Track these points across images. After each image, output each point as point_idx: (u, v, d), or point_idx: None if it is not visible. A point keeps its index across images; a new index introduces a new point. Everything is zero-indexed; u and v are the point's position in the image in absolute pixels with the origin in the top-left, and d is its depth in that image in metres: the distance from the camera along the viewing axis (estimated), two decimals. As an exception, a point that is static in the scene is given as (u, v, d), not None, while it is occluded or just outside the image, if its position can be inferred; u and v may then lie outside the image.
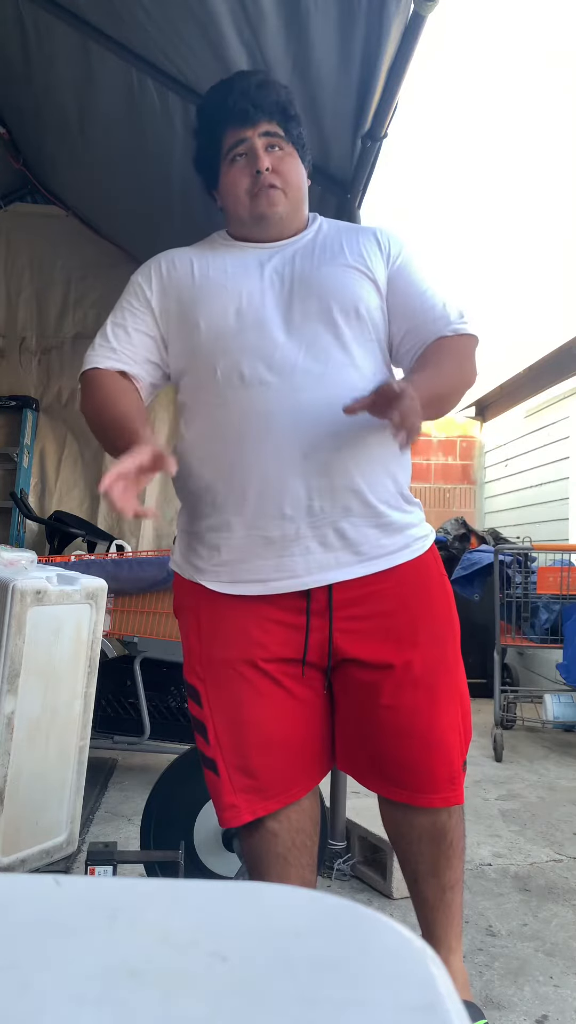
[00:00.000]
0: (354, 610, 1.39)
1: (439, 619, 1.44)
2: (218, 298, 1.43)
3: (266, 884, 0.39)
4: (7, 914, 0.36)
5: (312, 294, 1.41)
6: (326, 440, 1.35)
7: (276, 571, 1.37)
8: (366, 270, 1.46)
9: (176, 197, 3.08)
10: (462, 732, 1.44)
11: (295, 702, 1.41)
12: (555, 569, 4.08)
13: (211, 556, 1.41)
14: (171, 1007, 0.30)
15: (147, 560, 2.92)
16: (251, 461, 1.35)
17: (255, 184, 1.44)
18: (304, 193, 1.52)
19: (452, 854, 1.45)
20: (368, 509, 1.39)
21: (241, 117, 1.44)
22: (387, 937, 0.35)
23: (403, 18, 1.73)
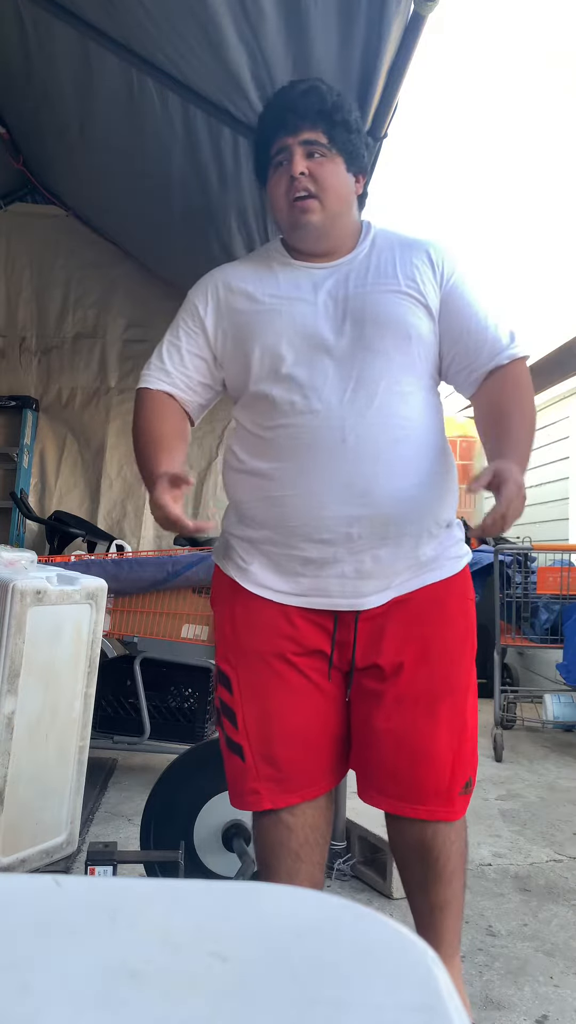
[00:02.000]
0: (376, 621, 1.43)
1: (452, 641, 1.44)
2: (272, 324, 1.43)
3: (266, 884, 0.39)
4: (7, 914, 0.36)
5: (365, 321, 1.40)
6: (369, 468, 1.37)
7: (311, 588, 1.42)
8: (418, 295, 1.43)
9: (176, 197, 3.08)
10: (460, 756, 1.42)
11: (322, 698, 1.45)
12: (555, 569, 4.09)
13: (251, 562, 1.46)
14: (171, 1007, 0.30)
15: (147, 560, 2.92)
16: (296, 487, 1.38)
17: (291, 190, 1.43)
18: (348, 201, 1.48)
19: (442, 872, 1.43)
20: (410, 540, 1.40)
21: (283, 125, 1.44)
22: (387, 937, 0.35)
23: (403, 18, 1.73)
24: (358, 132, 1.49)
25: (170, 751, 2.73)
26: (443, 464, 1.45)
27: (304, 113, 1.42)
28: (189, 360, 1.52)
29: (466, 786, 1.44)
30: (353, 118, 1.48)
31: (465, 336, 1.45)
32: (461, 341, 1.45)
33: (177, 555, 2.95)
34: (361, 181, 1.52)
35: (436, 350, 1.47)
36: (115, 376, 4.45)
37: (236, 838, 1.95)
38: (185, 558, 2.90)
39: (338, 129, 1.44)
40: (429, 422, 1.44)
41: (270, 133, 1.46)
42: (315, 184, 1.42)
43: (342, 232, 1.48)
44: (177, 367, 1.52)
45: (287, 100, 1.46)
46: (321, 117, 1.43)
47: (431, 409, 1.45)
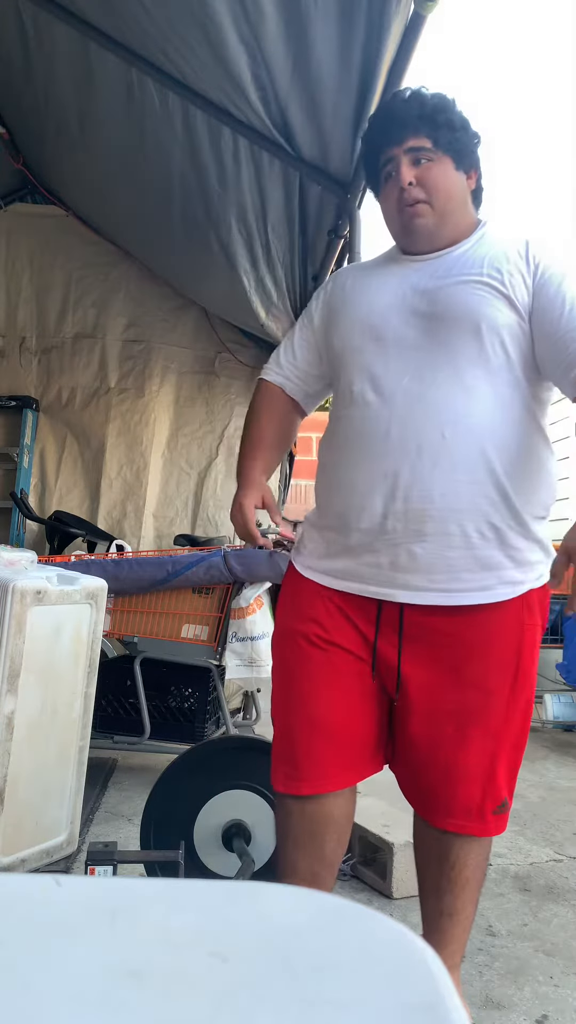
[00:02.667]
0: (416, 634, 1.40)
1: (494, 669, 1.38)
2: (350, 314, 1.48)
3: (266, 884, 0.39)
4: (7, 914, 0.36)
5: (435, 312, 1.38)
6: (410, 462, 1.34)
7: (349, 573, 1.43)
8: (499, 285, 1.37)
9: (176, 197, 3.08)
10: (492, 778, 1.40)
11: (347, 691, 1.43)
12: (555, 569, 4.08)
13: (308, 544, 1.51)
14: (171, 1007, 0.30)
15: (147, 560, 2.92)
16: (345, 475, 1.43)
17: (401, 199, 1.44)
18: (459, 201, 1.46)
19: (455, 881, 1.42)
20: (447, 539, 1.34)
21: (388, 136, 1.45)
22: (387, 937, 0.35)
23: (403, 18, 1.74)
24: (464, 129, 1.46)
25: (170, 751, 2.73)
26: (517, 466, 1.36)
27: (405, 121, 1.43)
28: (299, 352, 1.60)
29: (501, 806, 1.42)
30: (457, 116, 1.45)
31: (552, 335, 1.35)
32: (549, 338, 1.36)
33: (177, 555, 2.95)
34: (474, 176, 1.49)
35: (525, 343, 1.38)
36: (115, 376, 4.44)
37: (236, 838, 1.94)
38: (185, 558, 2.90)
39: (442, 131, 1.43)
40: (500, 418, 1.35)
41: (377, 145, 1.48)
42: (424, 190, 1.42)
43: (454, 231, 1.45)
44: (289, 359, 1.62)
45: (389, 111, 1.48)
46: (423, 122, 1.42)
47: (508, 405, 1.36)
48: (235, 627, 2.87)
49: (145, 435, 4.37)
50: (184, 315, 4.46)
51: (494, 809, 1.41)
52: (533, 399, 1.41)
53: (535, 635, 1.42)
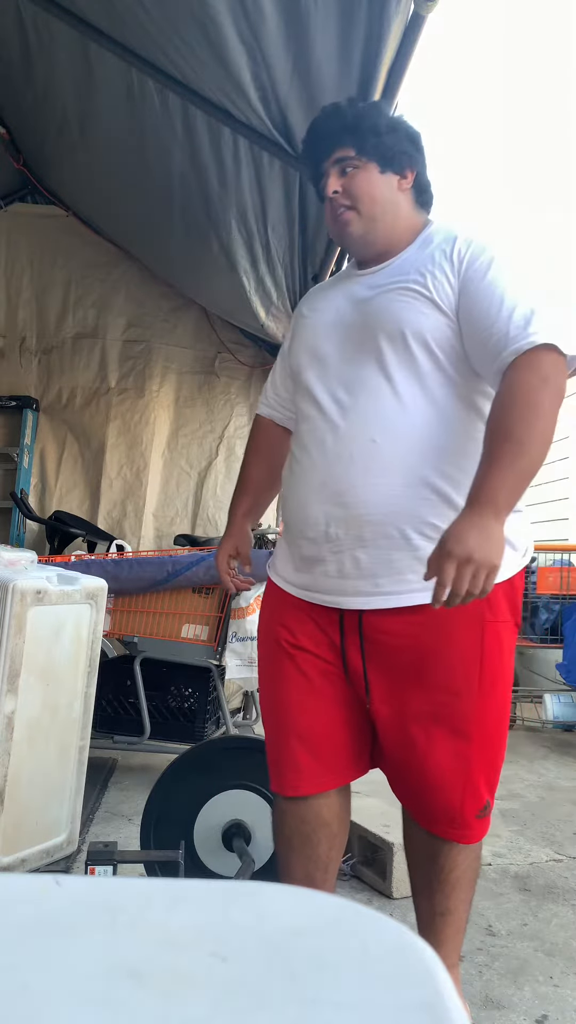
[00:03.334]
0: (377, 638, 1.40)
1: (457, 670, 1.36)
2: (301, 337, 1.54)
3: (266, 884, 0.39)
4: (7, 914, 0.36)
5: (365, 323, 1.41)
6: (343, 469, 1.37)
7: (311, 584, 1.46)
8: (423, 289, 1.36)
9: (176, 197, 3.08)
10: (471, 782, 1.39)
11: (314, 693, 1.45)
12: (555, 569, 4.09)
13: (280, 558, 1.56)
14: (171, 1007, 0.30)
15: (147, 560, 2.92)
16: (293, 487, 1.48)
17: (331, 210, 1.48)
18: (388, 204, 1.46)
19: (446, 881, 1.42)
20: (388, 542, 1.35)
21: (317, 153, 1.49)
22: (387, 937, 0.35)
23: (403, 18, 1.74)
24: (391, 131, 1.46)
25: (170, 751, 2.73)
26: (458, 465, 1.35)
27: (328, 135, 1.47)
28: (280, 381, 1.68)
29: (483, 810, 1.41)
30: (383, 120, 1.47)
31: (476, 330, 1.33)
32: (473, 336, 1.34)
33: (177, 555, 2.95)
34: (409, 176, 1.48)
35: (455, 344, 1.37)
36: (115, 376, 4.45)
37: (236, 838, 1.94)
38: (185, 558, 2.90)
39: (365, 137, 1.44)
40: (434, 420, 1.35)
41: (311, 164, 1.52)
42: (349, 198, 1.44)
43: (389, 234, 1.46)
44: (274, 390, 1.70)
45: (314, 129, 1.51)
46: (346, 132, 1.45)
47: (444, 406, 1.36)
48: (235, 627, 2.87)
49: (145, 435, 4.37)
50: (184, 315, 4.46)
51: (476, 813, 1.40)
52: (476, 397, 1.39)
53: (500, 630, 1.38)
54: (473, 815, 1.40)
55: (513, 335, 1.28)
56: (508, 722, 1.46)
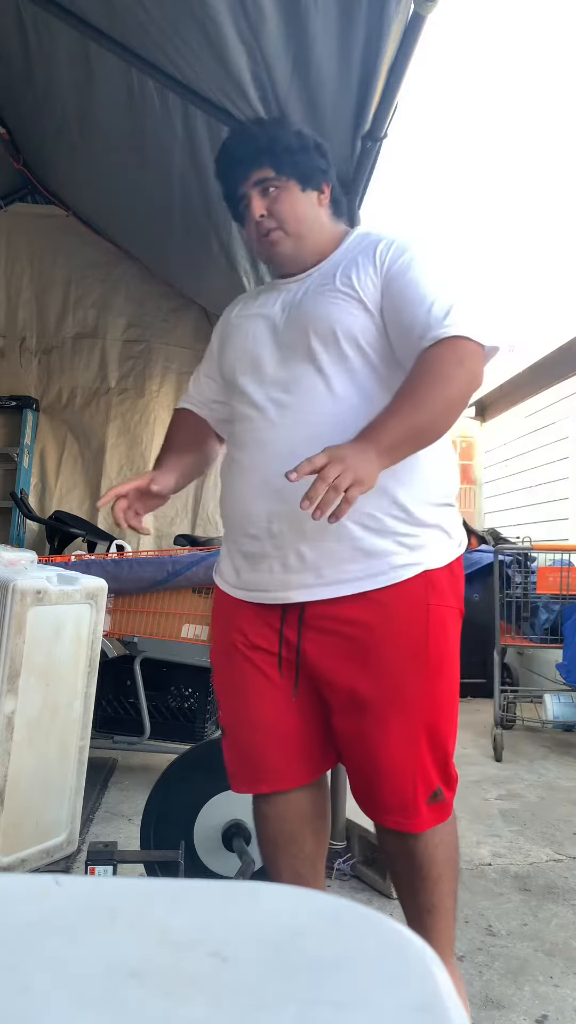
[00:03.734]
0: (321, 629, 1.42)
1: (404, 651, 1.38)
2: (232, 340, 1.58)
3: (266, 884, 0.39)
4: (7, 914, 0.36)
5: (297, 326, 1.46)
6: (284, 466, 1.37)
7: (252, 584, 1.48)
8: (351, 291, 1.43)
9: (176, 196, 3.08)
10: (421, 768, 1.40)
11: (275, 692, 1.48)
12: (555, 569, 4.09)
13: (223, 563, 1.58)
14: (171, 1007, 0.30)
15: (147, 560, 2.92)
16: (232, 485, 1.51)
17: (257, 232, 1.53)
18: (312, 221, 1.53)
19: (426, 878, 1.42)
20: (329, 534, 1.37)
21: (234, 176, 1.54)
22: (387, 937, 0.35)
23: (403, 18, 1.73)
24: (305, 149, 1.53)
25: (170, 751, 2.73)
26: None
27: (246, 157, 1.52)
28: (204, 381, 1.72)
29: (433, 796, 1.41)
30: (295, 139, 1.53)
31: (398, 324, 1.41)
32: (396, 330, 1.41)
33: (177, 555, 2.95)
34: (326, 190, 1.56)
35: (382, 343, 1.43)
36: (115, 376, 4.45)
37: (236, 838, 1.94)
38: (185, 558, 2.90)
39: (282, 157, 1.50)
40: (365, 415, 1.37)
41: (229, 185, 1.57)
42: (275, 219, 1.51)
43: (314, 248, 1.53)
44: (197, 389, 1.74)
45: (229, 152, 1.56)
46: (262, 153, 1.51)
47: (372, 402, 1.39)
48: (235, 627, 2.87)
49: (145, 435, 4.37)
50: (184, 315, 4.46)
51: (427, 799, 1.40)
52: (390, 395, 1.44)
53: (445, 615, 1.42)
54: (424, 801, 1.40)
55: (434, 324, 1.35)
56: (457, 709, 1.47)
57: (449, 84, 13.10)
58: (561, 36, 9.96)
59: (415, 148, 11.05)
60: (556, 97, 9.01)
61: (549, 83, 9.45)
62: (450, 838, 1.46)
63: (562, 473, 5.32)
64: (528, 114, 10.06)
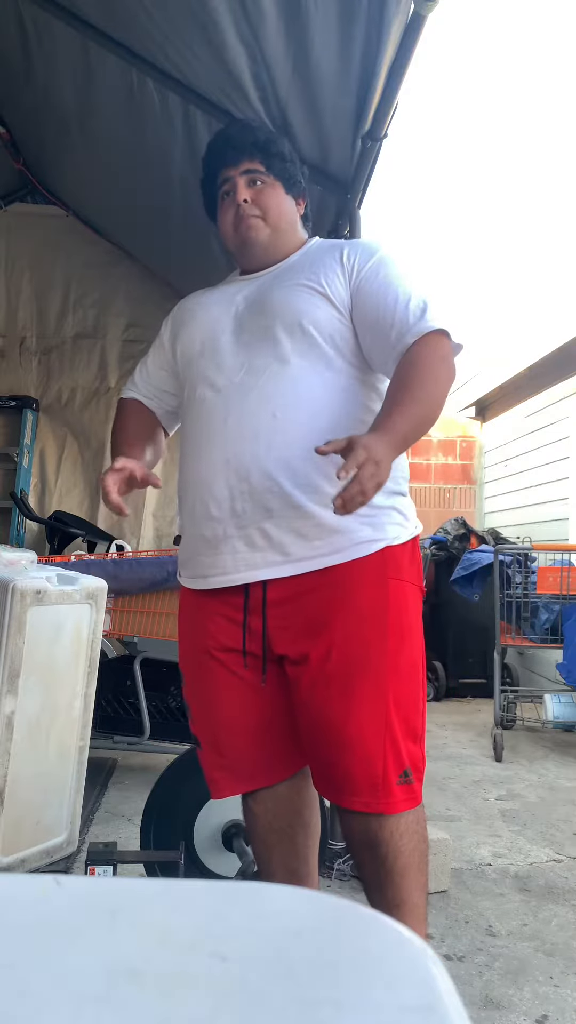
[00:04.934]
0: (285, 607, 1.44)
1: (367, 621, 1.41)
2: (191, 329, 1.60)
3: (266, 884, 0.39)
4: (7, 914, 0.36)
5: (261, 314, 1.50)
6: (247, 446, 1.42)
7: (212, 568, 1.48)
8: (317, 286, 1.49)
9: (176, 197, 3.08)
10: (392, 743, 1.39)
11: (248, 690, 1.49)
12: (555, 569, 4.09)
13: (183, 554, 1.58)
14: (171, 1007, 0.30)
15: (147, 560, 2.92)
16: (192, 468, 1.51)
17: (237, 215, 1.57)
18: (289, 220, 1.61)
19: (393, 870, 1.40)
20: (294, 511, 1.41)
21: (225, 160, 1.59)
22: (387, 937, 0.35)
23: (403, 18, 1.73)
24: (293, 162, 1.63)
25: (170, 751, 2.73)
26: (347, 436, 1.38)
27: (242, 146, 1.58)
28: (153, 371, 1.73)
29: (403, 775, 1.40)
30: (287, 150, 1.63)
31: (374, 325, 1.46)
32: (371, 329, 1.47)
33: (177, 555, 2.95)
34: (302, 204, 1.66)
35: (348, 335, 1.49)
36: (115, 376, 4.45)
37: (236, 838, 1.95)
38: (185, 558, 2.89)
39: (274, 159, 1.59)
40: (328, 399, 1.45)
41: (214, 168, 1.61)
42: (259, 208, 1.56)
43: (284, 247, 1.60)
44: (144, 378, 1.75)
45: (226, 137, 1.63)
46: (257, 148, 1.58)
47: (338, 388, 1.46)
48: (235, 627, 2.87)
49: (145, 435, 4.37)
50: (184, 315, 4.46)
51: (397, 780, 1.39)
52: (364, 384, 1.50)
53: (405, 591, 1.46)
54: (395, 781, 1.39)
55: (412, 323, 1.42)
56: (423, 688, 1.48)
57: (449, 84, 13.09)
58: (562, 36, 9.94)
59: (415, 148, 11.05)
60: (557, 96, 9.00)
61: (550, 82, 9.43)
62: (416, 827, 1.43)
63: (562, 473, 5.32)
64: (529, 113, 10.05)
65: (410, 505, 1.55)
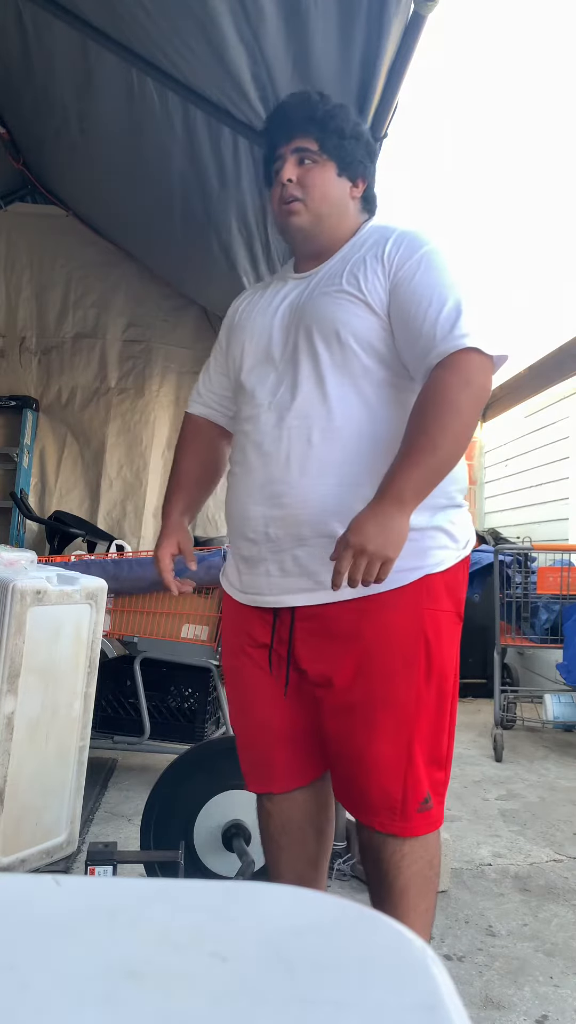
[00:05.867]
0: (312, 631, 1.41)
1: (394, 653, 1.36)
2: (239, 336, 1.55)
3: (266, 884, 0.39)
4: (7, 914, 0.36)
5: (301, 325, 1.43)
6: (281, 471, 1.39)
7: (250, 587, 1.48)
8: (356, 292, 1.39)
9: (176, 197, 3.08)
10: (413, 771, 1.36)
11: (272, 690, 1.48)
12: (555, 569, 4.09)
13: (228, 565, 1.58)
14: (171, 1007, 0.30)
15: (147, 560, 2.92)
16: (234, 487, 1.50)
17: (280, 198, 1.48)
18: (335, 205, 1.48)
19: (391, 888, 1.38)
20: (326, 540, 1.35)
21: (279, 135, 1.50)
22: (387, 937, 0.35)
23: (403, 18, 1.74)
24: (355, 138, 1.49)
25: (170, 751, 2.73)
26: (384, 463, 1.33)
27: (295, 121, 1.47)
28: (215, 378, 1.67)
29: (424, 802, 1.37)
30: (349, 126, 1.49)
31: (405, 334, 1.35)
32: (403, 339, 1.36)
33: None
34: (360, 186, 1.52)
35: (389, 345, 1.38)
36: (115, 376, 4.45)
37: (236, 838, 1.94)
38: (185, 558, 2.89)
39: (330, 136, 1.46)
40: (371, 418, 1.37)
41: (271, 144, 1.53)
42: (301, 189, 1.46)
43: (331, 235, 1.49)
44: (207, 387, 1.69)
45: (282, 111, 1.52)
46: (312, 124, 1.46)
47: (382, 404, 1.38)
48: (235, 627, 2.87)
49: (145, 435, 4.37)
50: (184, 315, 4.46)
51: (417, 807, 1.37)
52: (403, 396, 1.40)
53: (440, 619, 1.39)
54: (415, 808, 1.37)
55: (439, 337, 1.30)
56: (453, 716, 1.43)
57: (449, 84, 13.08)
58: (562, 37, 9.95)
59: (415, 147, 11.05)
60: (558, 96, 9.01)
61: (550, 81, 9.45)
62: (423, 852, 1.40)
63: (562, 473, 5.32)
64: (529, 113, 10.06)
65: (461, 519, 1.45)
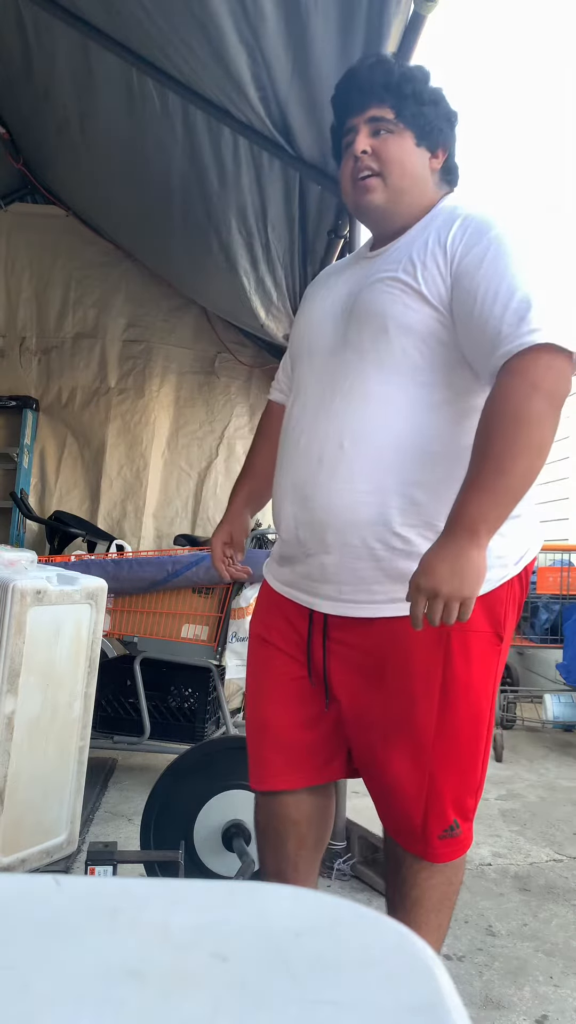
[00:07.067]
0: (340, 639, 1.37)
1: (417, 677, 1.28)
2: (299, 323, 1.49)
3: (266, 884, 0.39)
4: (7, 914, 0.36)
5: (353, 315, 1.33)
6: (311, 472, 1.31)
7: (291, 580, 1.44)
8: (411, 280, 1.26)
9: (176, 197, 3.08)
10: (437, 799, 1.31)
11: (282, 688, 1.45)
12: (555, 569, 4.09)
13: (274, 551, 1.54)
14: (171, 1007, 0.30)
15: (147, 560, 2.92)
16: (275, 484, 1.45)
17: (354, 171, 1.35)
18: (415, 177, 1.34)
19: (405, 896, 1.35)
20: (351, 551, 1.28)
21: (350, 105, 1.36)
22: (387, 937, 0.35)
23: (403, 18, 1.74)
24: (433, 104, 1.35)
25: (170, 751, 2.73)
26: (434, 473, 1.25)
27: (369, 89, 1.34)
28: (288, 363, 1.59)
29: (448, 830, 1.32)
30: (428, 90, 1.35)
31: (469, 329, 1.22)
32: (467, 336, 1.23)
33: (177, 555, 2.95)
34: (441, 156, 1.39)
35: (443, 341, 1.25)
36: (115, 376, 4.44)
37: (236, 838, 1.94)
38: (185, 558, 2.89)
39: (407, 102, 1.33)
40: (410, 424, 1.25)
41: (340, 116, 1.39)
42: (378, 161, 1.33)
43: (408, 211, 1.35)
44: (284, 371, 1.63)
45: (354, 77, 1.37)
46: (388, 91, 1.33)
47: (423, 409, 1.26)
48: (235, 627, 2.87)
49: (145, 435, 4.37)
50: (184, 315, 4.46)
51: (440, 834, 1.31)
52: (458, 399, 1.27)
53: (470, 641, 1.28)
54: (436, 835, 1.31)
55: (506, 334, 1.16)
56: (485, 740, 1.33)
57: (449, 84, 13.12)
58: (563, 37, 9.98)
59: (415, 148, 11.05)
60: (558, 95, 9.02)
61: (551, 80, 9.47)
62: (447, 875, 1.36)
63: (562, 473, 5.32)
64: (529, 112, 10.08)
65: (515, 531, 1.29)
